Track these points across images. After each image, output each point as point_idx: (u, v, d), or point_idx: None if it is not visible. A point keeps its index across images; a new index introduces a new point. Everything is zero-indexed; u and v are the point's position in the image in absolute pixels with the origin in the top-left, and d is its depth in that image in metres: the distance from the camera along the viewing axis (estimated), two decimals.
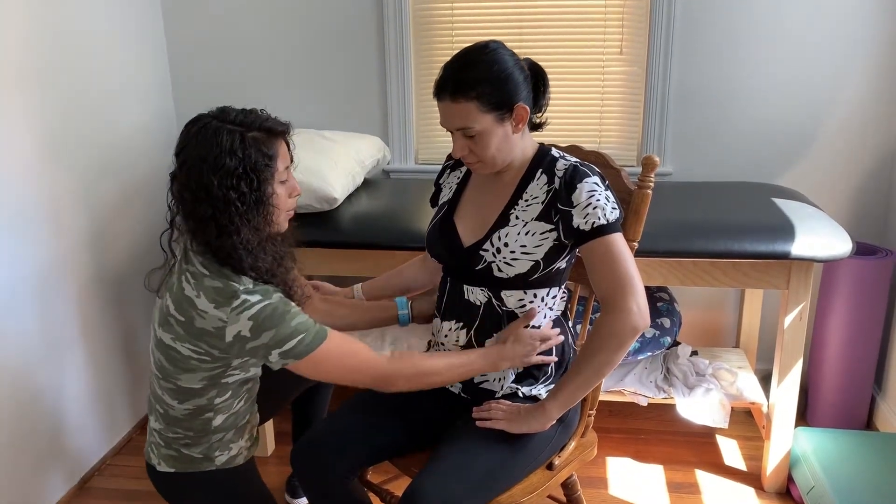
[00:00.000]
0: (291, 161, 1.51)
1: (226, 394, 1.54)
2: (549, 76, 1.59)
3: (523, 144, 1.58)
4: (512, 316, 1.58)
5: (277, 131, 1.45)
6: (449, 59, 1.51)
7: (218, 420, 1.57)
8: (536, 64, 1.57)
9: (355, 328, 1.80)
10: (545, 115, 1.63)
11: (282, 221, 1.52)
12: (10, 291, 2.10)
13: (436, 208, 1.76)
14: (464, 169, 1.73)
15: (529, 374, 1.62)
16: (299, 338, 1.41)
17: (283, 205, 1.49)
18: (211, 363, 1.47)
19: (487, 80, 1.46)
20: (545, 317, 1.60)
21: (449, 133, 1.55)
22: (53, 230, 2.27)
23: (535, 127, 1.63)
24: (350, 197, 2.47)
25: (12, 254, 2.10)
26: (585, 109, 2.77)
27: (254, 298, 1.40)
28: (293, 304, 1.46)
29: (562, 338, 1.62)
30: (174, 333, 1.46)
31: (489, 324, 1.59)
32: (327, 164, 2.32)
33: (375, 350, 2.59)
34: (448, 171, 1.77)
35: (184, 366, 1.48)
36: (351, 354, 1.47)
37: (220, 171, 1.37)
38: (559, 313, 1.66)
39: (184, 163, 1.40)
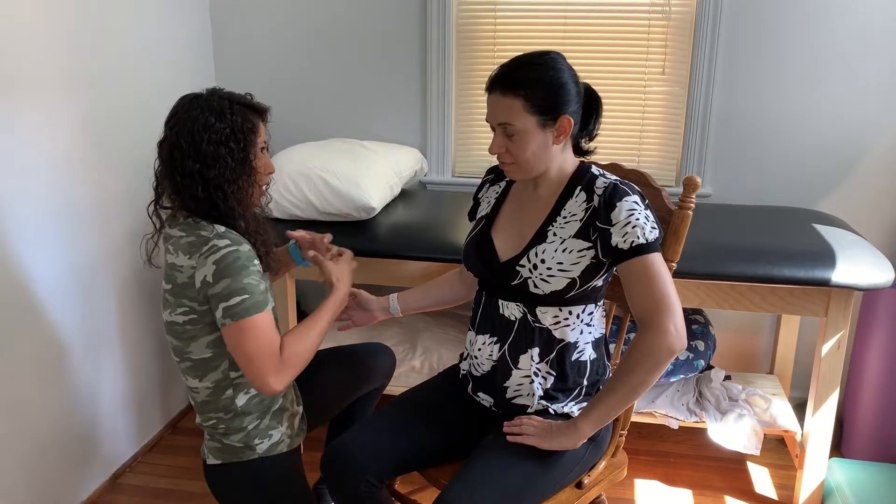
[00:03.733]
0: (266, 147, 1.65)
1: (239, 368, 1.59)
2: None
3: (563, 159, 1.58)
4: (546, 332, 1.58)
5: (259, 110, 1.62)
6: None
7: (240, 399, 1.62)
8: (593, 89, 1.58)
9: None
10: (594, 143, 1.62)
11: (257, 193, 1.64)
12: (55, 287, 2.15)
13: (474, 222, 1.77)
14: (503, 183, 1.73)
15: (556, 391, 1.61)
16: (244, 297, 1.47)
17: (261, 172, 1.62)
18: (200, 322, 1.56)
19: (539, 83, 1.47)
20: (581, 333, 1.59)
21: (489, 149, 1.56)
22: (98, 229, 2.32)
23: (582, 152, 1.63)
24: (387, 207, 2.49)
25: (59, 251, 2.16)
26: (626, 128, 2.76)
27: (222, 243, 1.50)
28: (257, 262, 1.54)
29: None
30: (169, 307, 1.57)
31: (523, 339, 1.59)
32: (366, 174, 2.34)
33: (405, 359, 2.63)
34: (487, 185, 1.78)
35: (185, 335, 1.57)
36: (267, 344, 1.50)
37: (209, 130, 1.51)
38: (601, 332, 1.65)
39: (174, 126, 1.54)
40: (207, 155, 1.51)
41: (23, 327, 2.04)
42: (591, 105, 1.57)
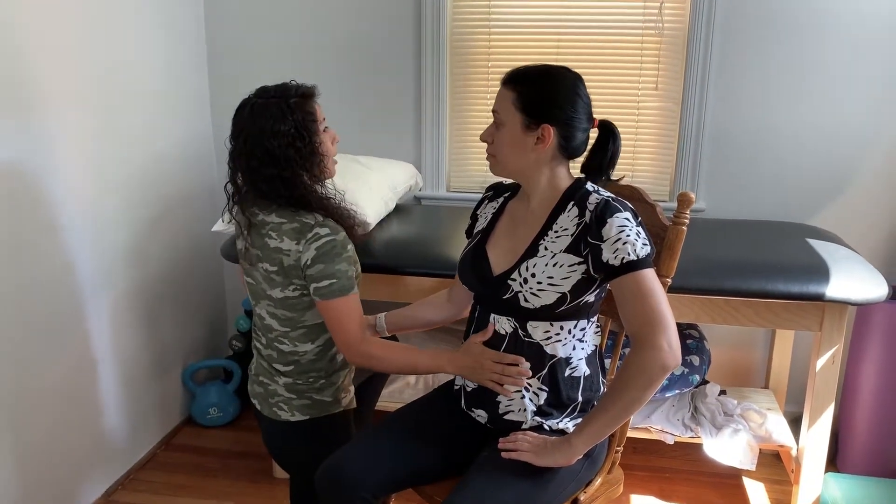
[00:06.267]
0: (323, 118, 1.77)
1: None
2: None
3: (553, 174, 1.58)
4: (536, 347, 1.58)
5: (310, 94, 1.74)
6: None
7: (340, 355, 1.82)
8: (611, 125, 1.60)
9: None
10: (612, 172, 1.63)
11: (331, 167, 1.78)
12: (50, 304, 2.15)
13: (470, 238, 1.77)
14: (500, 200, 1.74)
15: (550, 407, 1.61)
16: (333, 281, 1.65)
17: (328, 151, 1.76)
18: (310, 294, 1.70)
19: (538, 87, 1.52)
20: (573, 348, 1.59)
21: (480, 136, 1.62)
22: (93, 245, 2.32)
23: (592, 172, 1.64)
24: (382, 222, 2.50)
25: (54, 267, 2.15)
26: None
27: (323, 231, 1.66)
28: (350, 248, 1.71)
29: (523, 377, 1.57)
30: (280, 285, 1.72)
31: (513, 354, 1.59)
32: (361, 190, 2.34)
33: (401, 375, 2.62)
34: (486, 202, 1.79)
35: (301, 306, 1.74)
36: (350, 320, 1.67)
37: (277, 136, 1.65)
38: (593, 348, 1.65)
39: (245, 139, 1.67)
40: (280, 157, 1.65)
41: (17, 343, 2.04)
42: (606, 139, 1.60)
